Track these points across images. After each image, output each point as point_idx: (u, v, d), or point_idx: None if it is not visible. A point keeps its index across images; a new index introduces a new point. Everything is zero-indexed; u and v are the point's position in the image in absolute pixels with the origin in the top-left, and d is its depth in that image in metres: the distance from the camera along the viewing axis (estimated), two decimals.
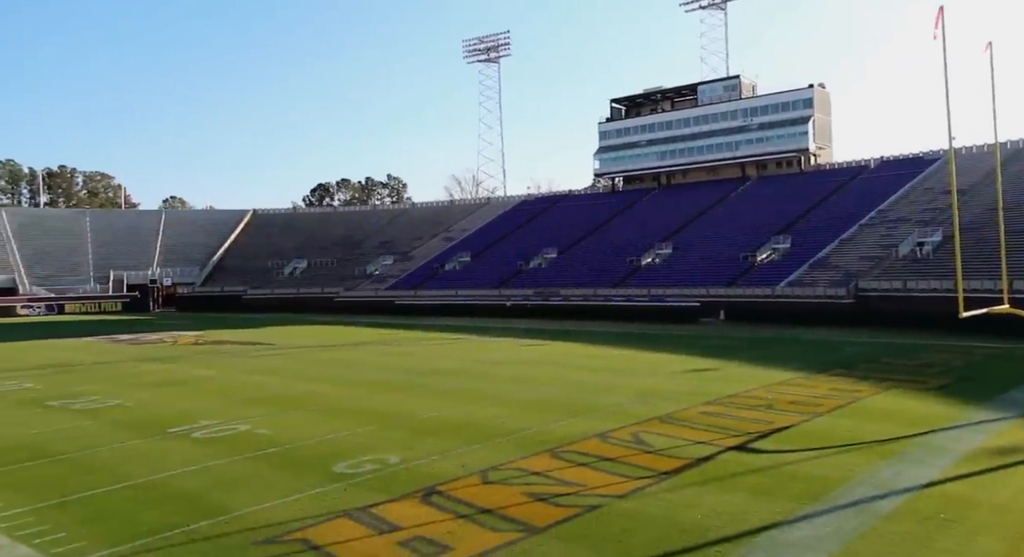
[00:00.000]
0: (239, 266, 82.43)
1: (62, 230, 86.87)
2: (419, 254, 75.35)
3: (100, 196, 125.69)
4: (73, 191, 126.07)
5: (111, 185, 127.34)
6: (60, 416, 17.90)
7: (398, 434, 14.97)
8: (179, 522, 9.85)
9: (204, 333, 43.91)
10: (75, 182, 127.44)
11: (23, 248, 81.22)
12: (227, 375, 24.89)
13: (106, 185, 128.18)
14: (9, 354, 33.90)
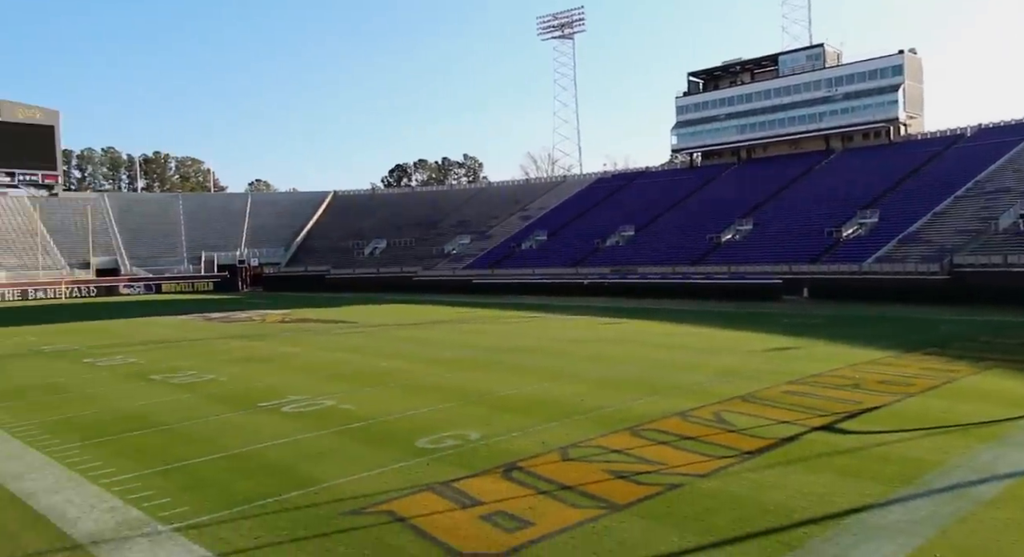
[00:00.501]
0: (322, 246, 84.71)
1: (157, 213, 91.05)
2: (496, 233, 75.77)
3: (191, 180, 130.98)
4: (167, 176, 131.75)
5: (201, 169, 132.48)
6: (161, 389, 18.87)
7: (477, 410, 15.19)
8: (272, 491, 10.28)
9: (290, 312, 45.38)
10: (168, 167, 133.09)
11: (123, 231, 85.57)
12: (312, 352, 25.68)
13: (196, 169, 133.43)
14: (115, 330, 35.86)
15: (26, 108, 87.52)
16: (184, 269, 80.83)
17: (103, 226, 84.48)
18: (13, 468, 11.90)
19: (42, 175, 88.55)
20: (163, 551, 8.39)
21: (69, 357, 26.02)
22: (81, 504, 10.03)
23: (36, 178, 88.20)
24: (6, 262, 74.40)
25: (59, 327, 38.70)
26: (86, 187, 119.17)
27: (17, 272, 72.88)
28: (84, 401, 17.59)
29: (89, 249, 77.78)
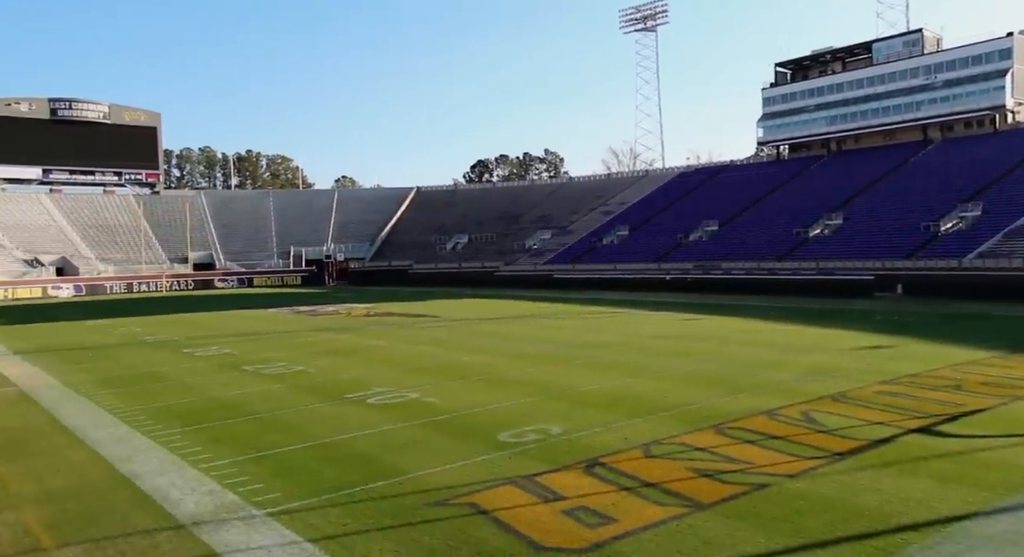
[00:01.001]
0: (405, 241, 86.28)
1: (249, 210, 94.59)
2: (577, 228, 75.51)
3: (281, 177, 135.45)
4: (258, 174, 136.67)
5: (290, 167, 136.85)
6: (253, 379, 19.62)
7: (559, 405, 15.19)
8: (358, 481, 10.55)
9: (374, 305, 46.40)
10: (260, 165, 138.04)
11: (218, 227, 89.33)
12: (396, 345, 26.20)
13: (286, 167, 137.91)
14: (211, 322, 37.49)
15: (132, 111, 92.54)
16: (274, 264, 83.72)
17: (200, 222, 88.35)
18: (122, 451, 12.61)
19: (145, 174, 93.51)
20: (258, 534, 8.73)
21: (169, 347, 27.34)
22: (183, 487, 10.55)
23: (140, 177, 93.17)
24: (113, 256, 78.70)
25: (160, 318, 40.72)
26: (184, 185, 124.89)
27: (123, 266, 77.01)
28: (183, 389, 18.46)
29: (187, 244, 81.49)
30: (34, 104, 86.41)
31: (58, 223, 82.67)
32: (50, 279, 71.17)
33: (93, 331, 34.85)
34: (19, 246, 75.21)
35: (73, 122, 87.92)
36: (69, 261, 74.81)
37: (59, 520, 9.42)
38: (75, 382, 19.96)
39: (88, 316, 43.69)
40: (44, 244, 77.12)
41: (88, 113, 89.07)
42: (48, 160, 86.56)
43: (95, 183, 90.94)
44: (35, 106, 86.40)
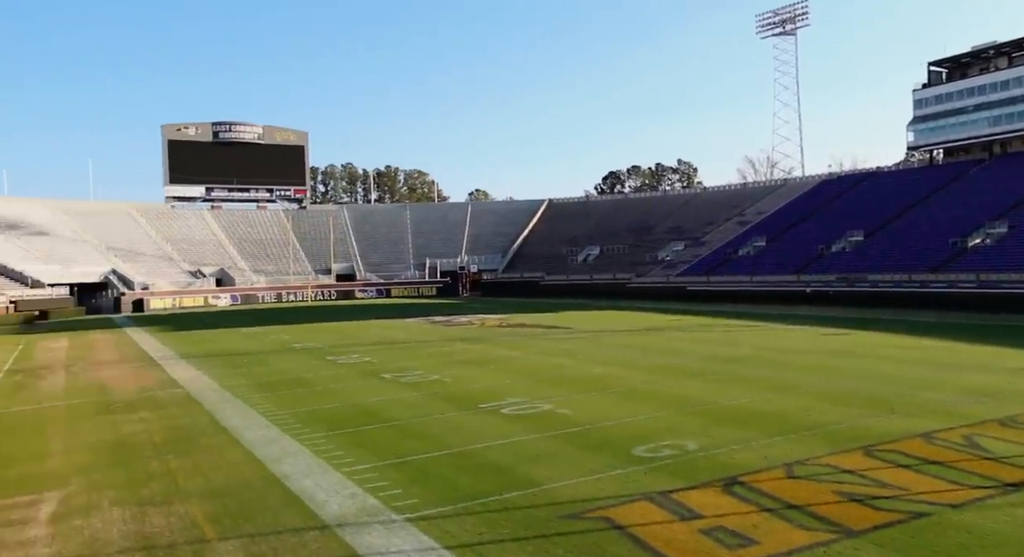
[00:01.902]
0: (537, 253, 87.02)
1: (388, 223, 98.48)
2: (711, 239, 73.59)
3: (418, 191, 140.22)
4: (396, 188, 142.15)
5: (426, 181, 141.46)
6: (392, 387, 20.33)
7: (695, 421, 14.80)
8: (493, 490, 10.68)
9: (507, 316, 47.02)
10: (398, 180, 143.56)
11: (359, 240, 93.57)
12: (529, 356, 26.41)
13: (422, 181, 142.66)
14: (352, 331, 39.23)
15: (283, 131, 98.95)
16: (411, 275, 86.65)
17: (342, 235, 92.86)
18: (273, 452, 13.39)
19: (294, 190, 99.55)
20: (397, 538, 9.01)
21: (315, 354, 28.82)
22: (328, 489, 11.05)
23: (289, 193, 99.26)
24: (265, 268, 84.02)
25: (306, 327, 43.03)
26: (328, 200, 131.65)
27: (273, 277, 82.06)
28: (327, 395, 19.39)
29: (330, 256, 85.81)
30: (199, 128, 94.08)
31: (218, 237, 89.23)
32: (210, 289, 76.85)
33: (247, 338, 37.28)
34: (185, 259, 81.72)
35: (232, 143, 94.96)
36: (227, 273, 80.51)
37: (220, 514, 10.11)
38: (232, 385, 21.41)
39: (243, 324, 46.82)
40: (206, 257, 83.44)
41: (245, 134, 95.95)
42: (210, 179, 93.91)
43: (250, 199, 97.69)
44: (200, 130, 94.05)
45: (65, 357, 31.35)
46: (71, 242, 77.36)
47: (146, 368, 26.66)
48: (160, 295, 71.83)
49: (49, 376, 25.45)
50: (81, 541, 9.33)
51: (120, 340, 38.83)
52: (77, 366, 27.97)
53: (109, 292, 71.54)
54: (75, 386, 22.94)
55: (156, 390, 21.36)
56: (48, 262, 70.66)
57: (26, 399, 20.80)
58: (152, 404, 19.02)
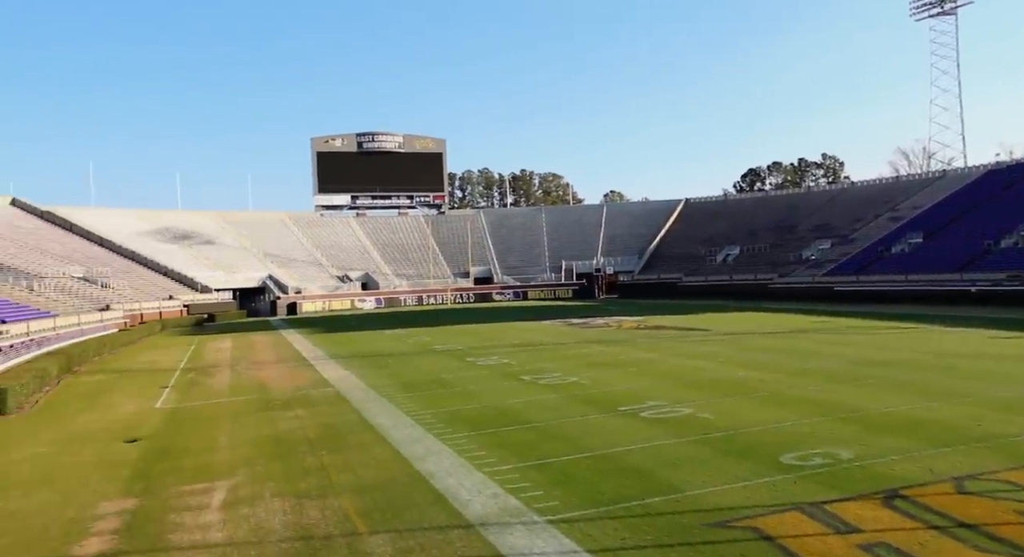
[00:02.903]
0: (674, 254, 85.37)
1: (523, 226, 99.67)
2: (861, 236, 69.52)
3: (552, 194, 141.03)
4: (531, 191, 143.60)
5: (561, 184, 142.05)
6: (531, 389, 20.51)
7: (848, 428, 13.98)
8: (634, 495, 10.53)
9: (644, 318, 46.38)
10: (533, 183, 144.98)
11: (496, 243, 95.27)
12: (668, 359, 25.91)
13: (557, 184, 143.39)
14: (491, 333, 39.97)
15: (422, 139, 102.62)
16: (547, 277, 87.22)
17: (479, 239, 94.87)
18: (418, 451, 13.83)
19: (433, 196, 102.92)
20: (539, 540, 9.05)
21: (455, 356, 29.56)
22: (471, 488, 11.29)
23: (428, 199, 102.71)
24: (406, 272, 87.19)
25: (446, 329, 44.24)
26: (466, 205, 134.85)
27: (414, 281, 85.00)
28: (468, 396, 19.82)
29: (468, 260, 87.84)
30: (345, 139, 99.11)
31: (363, 243, 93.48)
32: (356, 293, 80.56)
33: (392, 340, 38.79)
34: (333, 264, 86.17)
35: (375, 153, 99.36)
36: (371, 277, 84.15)
37: (370, 509, 10.55)
38: (378, 385, 22.33)
39: (387, 326, 48.77)
40: (352, 262, 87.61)
41: (386, 144, 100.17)
42: (355, 187, 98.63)
43: (392, 206, 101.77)
44: (346, 141, 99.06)
45: (230, 357, 33.79)
46: (233, 250, 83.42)
47: (300, 368, 28.28)
48: (311, 299, 76.04)
49: (216, 374, 27.51)
50: (248, 528, 10.00)
51: (276, 341, 41.42)
52: (240, 365, 30.08)
53: (266, 296, 76.56)
54: (239, 384, 24.69)
55: (309, 389, 22.61)
56: (214, 269, 76.53)
57: (198, 395, 22.59)
58: (306, 402, 20.15)
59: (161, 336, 49.33)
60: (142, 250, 75.00)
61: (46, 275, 53.79)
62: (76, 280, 57.31)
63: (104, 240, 74.56)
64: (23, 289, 46.63)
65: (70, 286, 54.45)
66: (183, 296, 66.06)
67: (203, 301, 67.27)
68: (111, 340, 39.55)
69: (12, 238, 64.36)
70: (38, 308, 40.69)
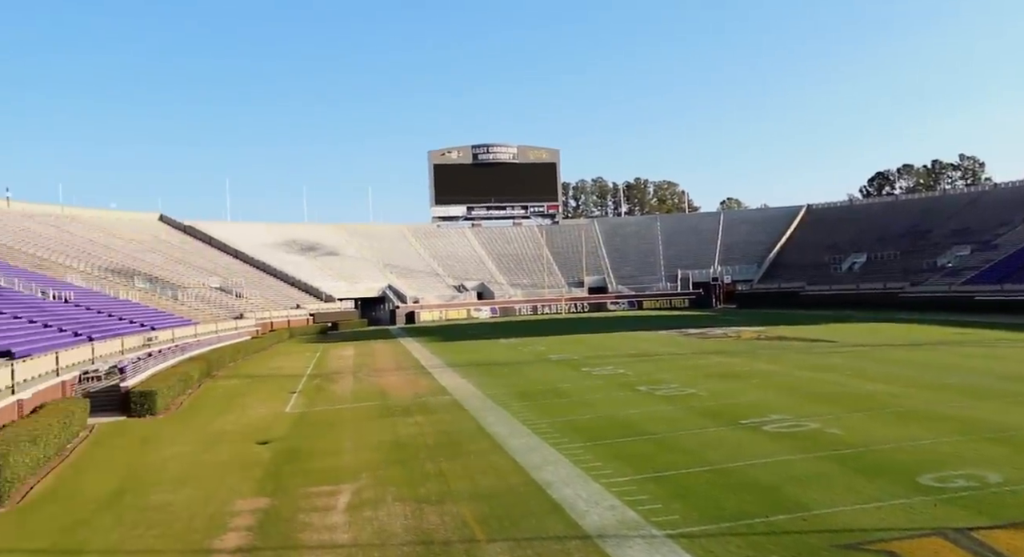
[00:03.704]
0: (795, 262, 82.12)
1: (637, 235, 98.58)
2: (1006, 242, 64.57)
3: (667, 202, 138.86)
4: (646, 200, 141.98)
5: (676, 192, 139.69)
6: (647, 400, 20.22)
7: (995, 449, 12.99)
8: (758, 512, 10.17)
9: (765, 329, 44.82)
10: (647, 192, 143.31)
11: (610, 252, 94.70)
12: (791, 371, 24.92)
13: (672, 192, 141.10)
14: (605, 343, 39.69)
15: (536, 150, 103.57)
16: (662, 287, 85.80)
17: (593, 248, 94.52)
18: (534, 460, 13.89)
19: (547, 206, 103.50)
20: (659, 555, 8.89)
21: (570, 365, 29.53)
22: (587, 499, 11.23)
23: (542, 209, 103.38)
24: (521, 282, 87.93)
25: (561, 338, 44.26)
26: (579, 214, 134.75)
27: (529, 290, 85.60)
28: (584, 405, 19.74)
29: (582, 269, 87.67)
30: (460, 152, 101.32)
31: (478, 253, 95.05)
32: (472, 302, 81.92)
33: (507, 349, 39.19)
34: (450, 274, 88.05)
35: (490, 164, 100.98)
36: (487, 286, 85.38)
37: (487, 516, 10.68)
38: (494, 394, 22.60)
39: (502, 335, 49.31)
40: (468, 272, 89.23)
41: (501, 155, 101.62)
42: (470, 199, 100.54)
43: (506, 216, 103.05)
44: (461, 153, 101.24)
45: (352, 364, 35.09)
46: (355, 261, 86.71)
47: (418, 375, 29.02)
48: (429, 308, 77.92)
49: (340, 381, 28.63)
50: (372, 531, 10.34)
51: (396, 349, 42.69)
52: (362, 372, 31.18)
53: (386, 305, 79.05)
54: (361, 390, 25.59)
55: (427, 396, 23.16)
56: (338, 279, 79.78)
57: (324, 400, 23.58)
58: (424, 409, 20.65)
59: (289, 343, 51.84)
60: (272, 261, 79.14)
61: (188, 285, 57.68)
62: (214, 290, 61.12)
63: (238, 252, 79.20)
64: (169, 298, 50.18)
65: (208, 296, 58.14)
66: (309, 305, 69.18)
67: (327, 310, 70.20)
68: (245, 347, 41.89)
69: (160, 251, 69.42)
70: (181, 316, 43.65)
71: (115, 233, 70.37)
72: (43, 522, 11.69)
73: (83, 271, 48.52)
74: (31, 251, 50.21)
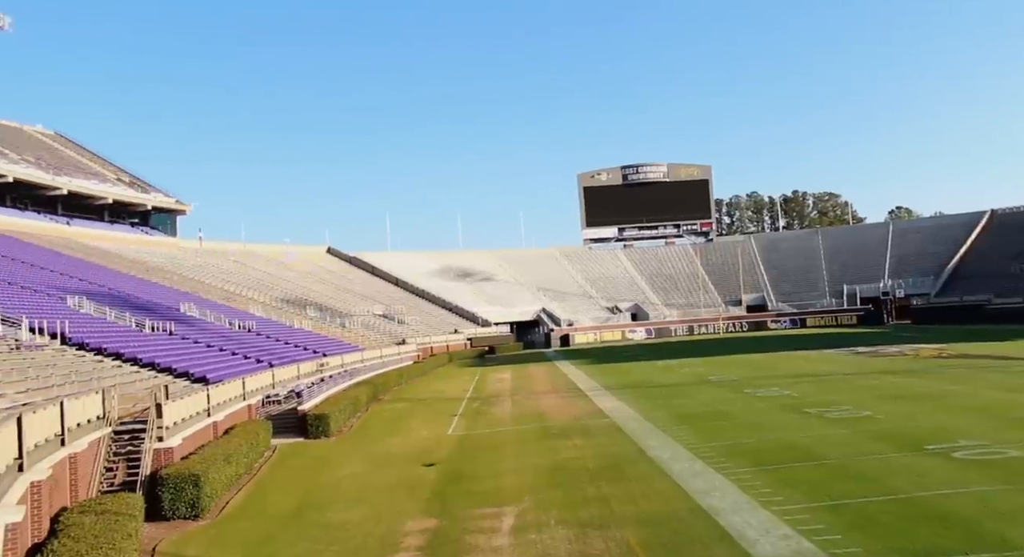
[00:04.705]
0: (978, 272, 75.25)
1: (798, 250, 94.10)
2: None
3: (829, 215, 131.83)
4: (805, 213, 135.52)
5: (838, 203, 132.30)
6: (816, 423, 19.12)
7: None
8: (956, 548, 9.34)
9: (946, 346, 41.30)
10: (806, 204, 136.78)
11: (768, 269, 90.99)
12: (980, 392, 22.78)
13: (833, 204, 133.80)
14: (767, 363, 38.03)
15: (687, 167, 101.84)
16: (826, 303, 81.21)
17: (750, 265, 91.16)
18: (699, 485, 13.48)
19: (700, 224, 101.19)
20: None
21: (731, 387, 28.50)
22: (757, 527, 10.74)
23: (695, 227, 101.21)
24: (675, 302, 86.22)
25: (720, 359, 42.85)
26: (734, 231, 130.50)
27: (684, 310, 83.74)
28: (748, 429, 18.97)
29: (739, 287, 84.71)
30: (610, 173, 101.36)
31: (630, 274, 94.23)
32: (627, 324, 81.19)
33: (663, 370, 38.42)
34: (603, 296, 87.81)
35: (640, 184, 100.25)
36: (640, 307, 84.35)
37: (651, 542, 10.46)
38: (653, 416, 22.19)
39: (658, 357, 48.42)
40: (621, 293, 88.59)
41: (650, 174, 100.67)
42: (621, 219, 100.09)
43: (657, 236, 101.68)
44: (610, 175, 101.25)
45: (510, 387, 35.66)
46: (509, 285, 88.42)
47: (575, 398, 29.01)
48: (583, 330, 77.97)
49: (499, 403, 29.16)
50: (536, 554, 10.40)
51: (552, 372, 42.95)
52: (519, 395, 31.60)
53: (540, 328, 79.89)
54: (519, 413, 25.94)
55: (586, 419, 23.10)
56: (493, 304, 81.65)
57: (484, 423, 24.09)
58: (583, 432, 20.60)
59: (449, 367, 53.48)
60: (430, 288, 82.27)
61: (354, 313, 61.02)
62: (377, 317, 64.29)
63: (399, 280, 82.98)
64: (337, 326, 53.28)
65: (373, 322, 61.21)
66: (466, 330, 71.16)
67: (484, 334, 71.89)
68: (407, 371, 43.66)
69: (328, 281, 74.03)
70: (349, 342, 46.19)
71: (288, 265, 75.75)
72: (237, 535, 12.67)
73: (262, 302, 52.52)
74: (219, 285, 55.01)
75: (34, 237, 47.91)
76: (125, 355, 23.33)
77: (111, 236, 59.94)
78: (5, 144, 59.37)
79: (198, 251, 67.93)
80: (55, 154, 67.08)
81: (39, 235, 49.58)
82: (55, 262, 40.65)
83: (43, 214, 56.85)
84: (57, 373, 17.90)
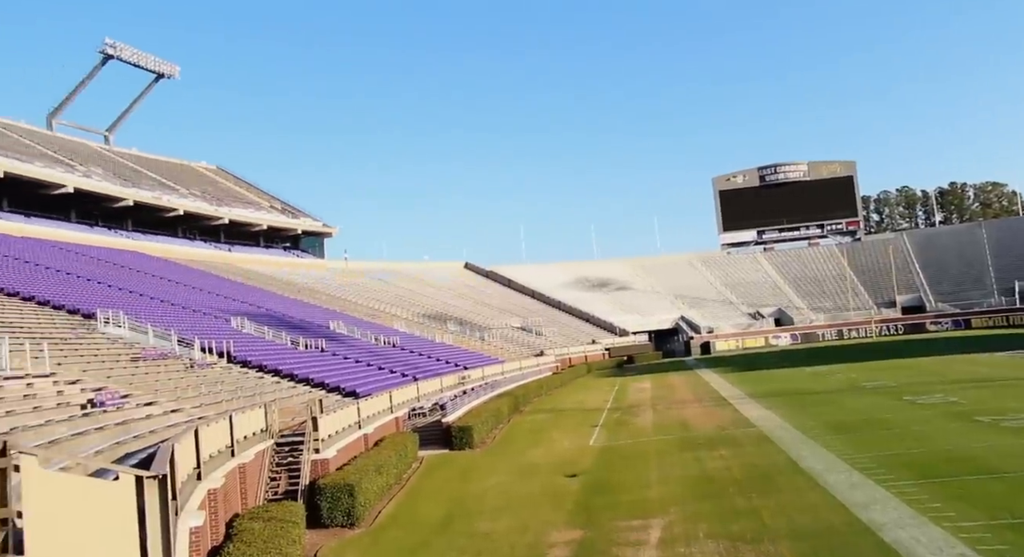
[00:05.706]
0: None
1: (958, 246, 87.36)
2: None
3: (993, 206, 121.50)
4: (965, 205, 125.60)
5: (1003, 193, 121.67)
6: (991, 432, 17.61)
7: None
8: None
9: None
10: (966, 196, 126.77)
11: (924, 267, 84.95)
12: None
13: (998, 193, 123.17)
14: (929, 368, 35.43)
15: (828, 165, 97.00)
16: (994, 302, 74.66)
17: (903, 264, 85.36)
18: (857, 498, 12.74)
19: (845, 223, 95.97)
20: None
21: (888, 393, 26.77)
22: (928, 544, 10.02)
23: (840, 226, 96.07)
24: (822, 305, 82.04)
25: (874, 364, 40.33)
26: (884, 228, 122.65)
27: (832, 314, 79.52)
28: (910, 438, 17.74)
29: (893, 287, 79.47)
30: (746, 175, 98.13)
31: (772, 278, 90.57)
32: (770, 329, 78.04)
33: (812, 377, 36.60)
34: (743, 301, 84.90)
35: (778, 185, 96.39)
36: (784, 312, 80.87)
37: None
38: (803, 425, 21.18)
39: (805, 363, 46.19)
40: (762, 298, 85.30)
41: (790, 174, 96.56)
42: (759, 222, 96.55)
43: (800, 238, 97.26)
44: (747, 177, 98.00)
45: (650, 397, 35.11)
46: (646, 294, 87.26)
47: (719, 407, 28.18)
48: (724, 337, 75.65)
49: (640, 413, 28.78)
50: None
51: (693, 381, 41.92)
52: (661, 405, 31.06)
53: (679, 337, 78.25)
54: (661, 423, 25.49)
55: (731, 428, 22.38)
56: (630, 312, 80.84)
57: (626, 434, 23.86)
58: (729, 442, 19.97)
59: (587, 378, 53.35)
60: (566, 299, 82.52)
61: (492, 326, 62.17)
62: (515, 329, 65.18)
63: (535, 292, 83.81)
64: (476, 339, 54.46)
65: (511, 335, 62.11)
66: (604, 340, 70.77)
67: (622, 344, 71.25)
68: (547, 382, 43.94)
69: (467, 296, 75.90)
70: (489, 355, 47.10)
71: (428, 282, 78.26)
72: (391, 542, 13.19)
73: (405, 318, 54.52)
74: (364, 303, 57.64)
75: (202, 264, 52.14)
76: (283, 371, 24.91)
77: (266, 260, 64.31)
78: (176, 181, 65.17)
79: (344, 271, 71.46)
80: (217, 187, 72.86)
81: (206, 262, 53.95)
82: (219, 286, 44.03)
83: (208, 242, 61.94)
84: (225, 389, 19.38)
